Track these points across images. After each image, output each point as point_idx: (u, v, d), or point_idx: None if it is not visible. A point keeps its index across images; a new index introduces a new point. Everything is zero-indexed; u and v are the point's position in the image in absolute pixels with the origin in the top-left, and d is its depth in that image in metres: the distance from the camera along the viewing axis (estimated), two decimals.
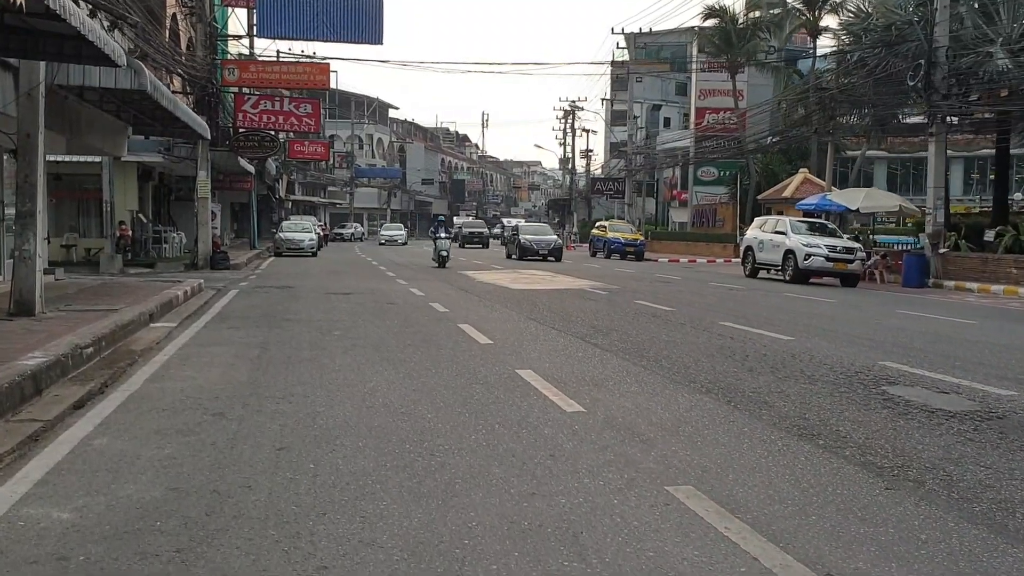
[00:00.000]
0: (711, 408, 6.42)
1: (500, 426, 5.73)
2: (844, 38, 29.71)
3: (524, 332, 10.80)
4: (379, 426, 5.71)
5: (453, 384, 7.25)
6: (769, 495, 4.36)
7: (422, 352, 9.05)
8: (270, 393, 6.81)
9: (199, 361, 8.40)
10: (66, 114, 13.63)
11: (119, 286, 16.12)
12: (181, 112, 15.45)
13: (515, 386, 7.17)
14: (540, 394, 6.80)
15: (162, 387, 7.06)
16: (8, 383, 6.38)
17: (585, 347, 9.51)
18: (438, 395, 6.77)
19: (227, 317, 12.33)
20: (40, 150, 10.82)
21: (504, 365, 8.21)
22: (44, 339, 8.68)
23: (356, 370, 7.91)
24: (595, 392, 6.93)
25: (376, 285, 19.13)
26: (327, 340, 9.93)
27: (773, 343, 10.01)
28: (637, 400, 6.68)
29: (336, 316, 12.62)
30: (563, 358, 8.72)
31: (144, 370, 7.91)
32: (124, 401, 6.50)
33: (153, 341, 10.20)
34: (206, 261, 24.17)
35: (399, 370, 7.93)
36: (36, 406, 6.72)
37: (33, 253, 10.82)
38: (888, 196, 28.12)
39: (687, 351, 9.26)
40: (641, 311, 13.71)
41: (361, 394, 6.78)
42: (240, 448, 5.12)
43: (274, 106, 26.44)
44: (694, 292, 18.48)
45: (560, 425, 5.79)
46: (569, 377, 7.58)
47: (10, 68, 10.85)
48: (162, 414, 6.03)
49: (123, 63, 9.88)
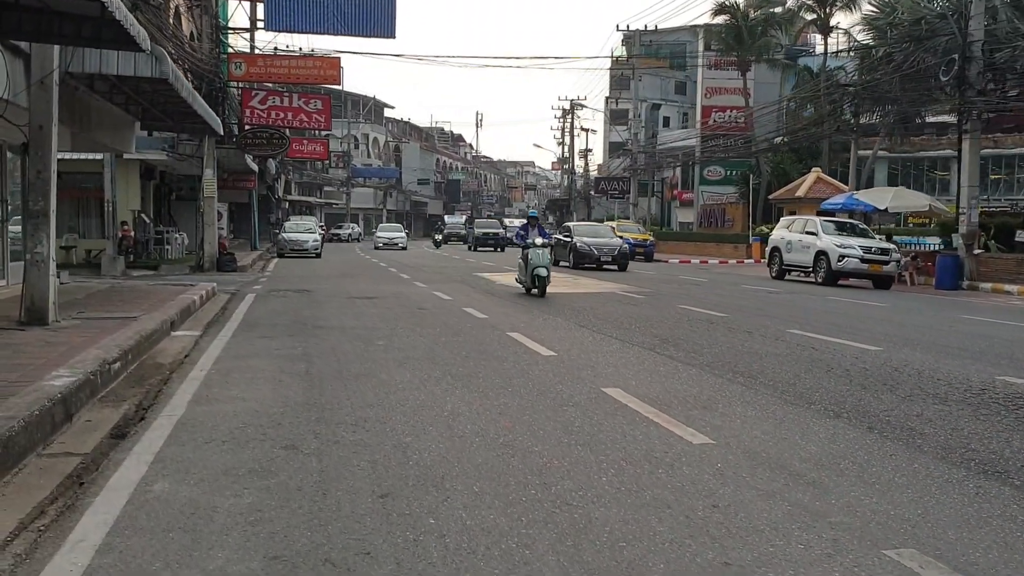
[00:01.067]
0: (856, 438, 5.55)
1: (627, 463, 4.85)
2: (865, 34, 28.88)
3: (584, 342, 9.92)
4: (485, 464, 4.82)
5: (539, 406, 6.36)
6: (1016, 560, 3.50)
7: (484, 366, 8.17)
8: (338, 418, 5.91)
9: (242, 377, 7.49)
10: (75, 106, 12.69)
11: (129, 290, 15.18)
12: (199, 105, 14.51)
13: (612, 409, 6.29)
14: (649, 420, 5.92)
15: (211, 411, 6.15)
16: (38, 410, 5.47)
17: (663, 360, 8.63)
18: (531, 421, 5.89)
19: (254, 324, 11.41)
20: (53, 144, 9.89)
21: (584, 383, 7.34)
22: (65, 353, 7.76)
23: (422, 388, 7.02)
24: (709, 417, 6.05)
25: (395, 288, 18.22)
26: (374, 351, 9.03)
27: (863, 354, 9.16)
28: (764, 427, 5.80)
29: (370, 323, 11.72)
30: (647, 374, 7.83)
31: (183, 389, 7.00)
32: (173, 430, 5.59)
33: (180, 352, 9.31)
34: (212, 263, 23.20)
35: (470, 388, 7.04)
36: (68, 435, 5.82)
37: (46, 256, 9.89)
38: (916, 196, 27.36)
39: (778, 364, 8.39)
40: (693, 317, 12.85)
41: (443, 420, 5.89)
42: (334, 495, 4.23)
43: (283, 102, 25.47)
44: (731, 295, 17.62)
45: (697, 462, 4.92)
46: (668, 398, 6.71)
47: (21, 54, 9.91)
48: (223, 447, 5.12)
49: (148, 47, 8.96)
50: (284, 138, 25.87)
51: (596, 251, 26.51)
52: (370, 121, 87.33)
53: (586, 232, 28.56)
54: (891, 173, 63.01)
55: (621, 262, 26.63)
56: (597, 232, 29.17)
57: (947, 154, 51.53)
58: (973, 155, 22.50)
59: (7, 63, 9.62)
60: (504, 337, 10.24)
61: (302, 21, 23.98)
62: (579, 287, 19.44)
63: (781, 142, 39.60)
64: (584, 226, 31.26)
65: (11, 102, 9.75)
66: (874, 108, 28.58)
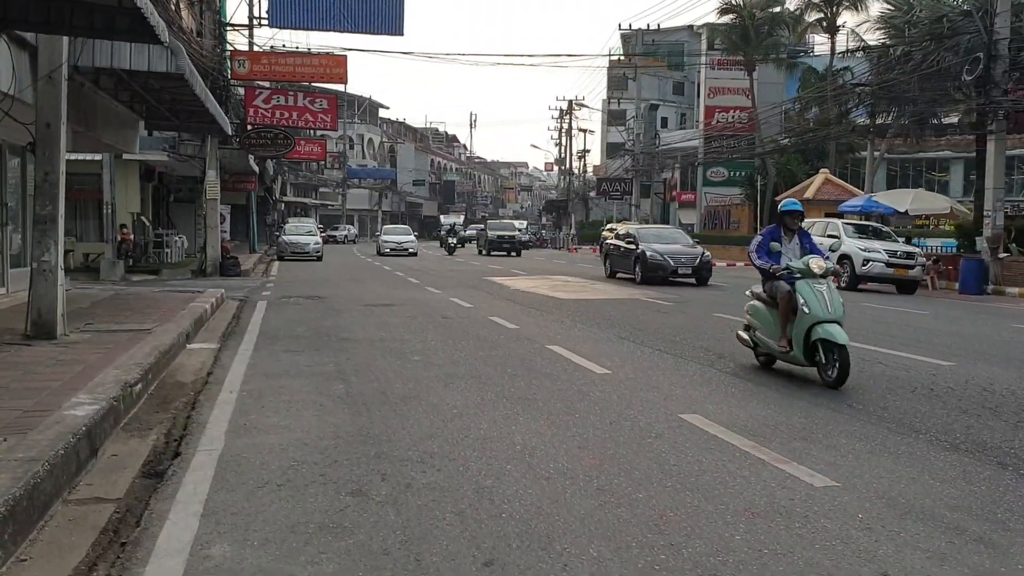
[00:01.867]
0: (992, 477, 4.92)
1: (754, 515, 4.19)
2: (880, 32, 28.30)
3: (634, 358, 9.25)
4: (589, 516, 4.15)
5: (618, 437, 5.70)
6: None
7: (537, 386, 7.49)
8: (399, 452, 5.24)
9: (278, 400, 6.80)
10: (80, 104, 11.96)
11: (135, 298, 14.45)
12: (211, 104, 13.79)
13: (702, 441, 5.63)
14: (751, 456, 5.26)
15: (254, 444, 5.46)
16: (63, 447, 4.77)
17: (728, 379, 7.98)
18: (618, 457, 5.22)
19: (274, 336, 10.70)
20: (62, 143, 9.21)
21: (655, 407, 6.67)
22: (82, 374, 7.06)
23: (480, 414, 6.34)
24: (816, 451, 5.40)
25: (410, 294, 17.52)
26: (412, 368, 8.35)
27: (938, 370, 8.53)
28: (883, 464, 5.15)
29: (396, 333, 11.03)
30: (720, 396, 7.17)
31: (216, 416, 6.30)
32: (217, 470, 4.90)
33: (200, 369, 8.62)
34: (215, 267, 22.44)
35: (532, 414, 6.37)
36: (95, 474, 5.13)
37: (54, 265, 9.19)
38: (936, 198, 26.80)
39: (857, 384, 7.73)
40: (736, 326, 12.16)
41: (519, 456, 5.22)
42: (430, 562, 3.55)
43: (287, 101, 24.73)
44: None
45: (833, 512, 4.26)
46: (757, 426, 6.05)
47: (27, 46, 9.20)
48: (281, 494, 4.44)
49: (166, 39, 8.26)
50: (289, 138, 25.14)
51: (671, 261, 21.32)
52: (365, 121, 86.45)
53: (654, 237, 22.82)
54: (890, 175, 62.55)
55: (702, 274, 21.58)
56: (668, 237, 23.33)
57: (946, 155, 51.11)
58: (998, 156, 21.94)
59: (12, 56, 8.91)
60: (545, 351, 9.57)
61: (307, 17, 23.25)
62: (596, 292, 18.77)
63: (789, 143, 39.03)
64: (650, 230, 25.35)
65: (16, 98, 9.03)
66: (889, 108, 27.97)
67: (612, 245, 24.34)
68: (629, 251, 22.53)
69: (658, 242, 22.25)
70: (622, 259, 23.13)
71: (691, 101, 68.20)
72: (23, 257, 13.81)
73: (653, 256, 21.44)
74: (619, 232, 24.68)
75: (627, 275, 22.65)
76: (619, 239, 24.04)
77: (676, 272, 21.32)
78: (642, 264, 21.50)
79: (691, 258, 21.66)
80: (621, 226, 24.90)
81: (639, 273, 21.54)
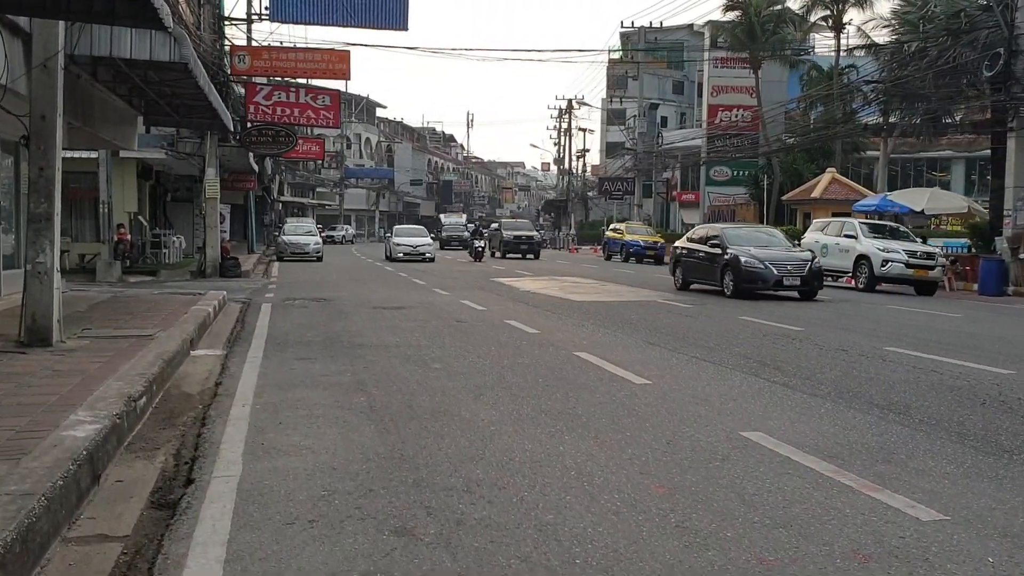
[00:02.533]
0: None
1: (868, 559, 3.62)
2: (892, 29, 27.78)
3: (671, 366, 8.67)
4: (678, 563, 3.57)
5: (680, 459, 5.12)
6: None
7: (575, 398, 6.91)
8: (441, 480, 4.65)
9: (296, 415, 6.21)
10: (77, 96, 11.35)
11: (134, 301, 13.84)
12: (214, 98, 13.16)
13: (776, 464, 5.06)
14: (837, 483, 4.69)
15: (276, 468, 4.87)
16: (62, 477, 4.18)
17: (780, 390, 7.40)
18: (686, 484, 4.65)
19: (283, 342, 10.10)
20: (58, 136, 8.60)
21: (711, 423, 6.10)
22: (80, 386, 6.46)
23: (521, 431, 5.76)
24: (906, 476, 4.83)
25: (418, 296, 16.93)
26: (435, 378, 7.77)
27: (1001, 380, 7.97)
28: (985, 490, 4.59)
29: (412, 339, 10.45)
30: (778, 410, 6.59)
31: (229, 434, 5.71)
32: (238, 501, 4.30)
33: (207, 378, 8.04)
34: (215, 268, 21.81)
35: (577, 432, 5.79)
36: (98, 504, 4.54)
37: (49, 267, 8.59)
38: (953, 197, 26.31)
39: (915, 394, 7.18)
40: (766, 331, 11.63)
41: (576, 484, 4.64)
42: None
43: (289, 98, 24.10)
44: (782, 304, 16.35)
45: (954, 553, 3.69)
46: (831, 446, 5.47)
47: (20, 33, 8.59)
48: (314, 533, 3.85)
49: (171, 24, 7.67)
50: (291, 135, 24.51)
51: (774, 269, 17.02)
52: (362, 121, 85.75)
53: (747, 239, 18.55)
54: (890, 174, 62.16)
55: (812, 286, 17.33)
56: (765, 240, 18.85)
57: (947, 155, 50.63)
58: (1019, 154, 21.42)
59: (4, 43, 8.31)
60: (573, 358, 8.99)
61: (310, 12, 22.64)
62: (609, 294, 18.18)
63: (795, 142, 38.52)
64: (739, 230, 20.30)
65: (9, 88, 8.43)
66: (902, 106, 27.44)
67: (685, 249, 19.89)
68: (713, 257, 18.18)
69: (752, 244, 18.02)
70: (702, 267, 18.75)
71: (691, 100, 67.69)
72: (16, 258, 13.21)
73: (750, 263, 17.16)
74: (695, 233, 20.52)
75: (710, 286, 18.53)
76: (695, 242, 19.65)
77: (781, 283, 17.07)
78: (734, 273, 17.34)
79: (798, 265, 17.29)
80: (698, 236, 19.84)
81: (729, 284, 17.44)
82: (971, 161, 56.98)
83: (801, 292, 17.30)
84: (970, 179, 58.85)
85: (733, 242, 18.07)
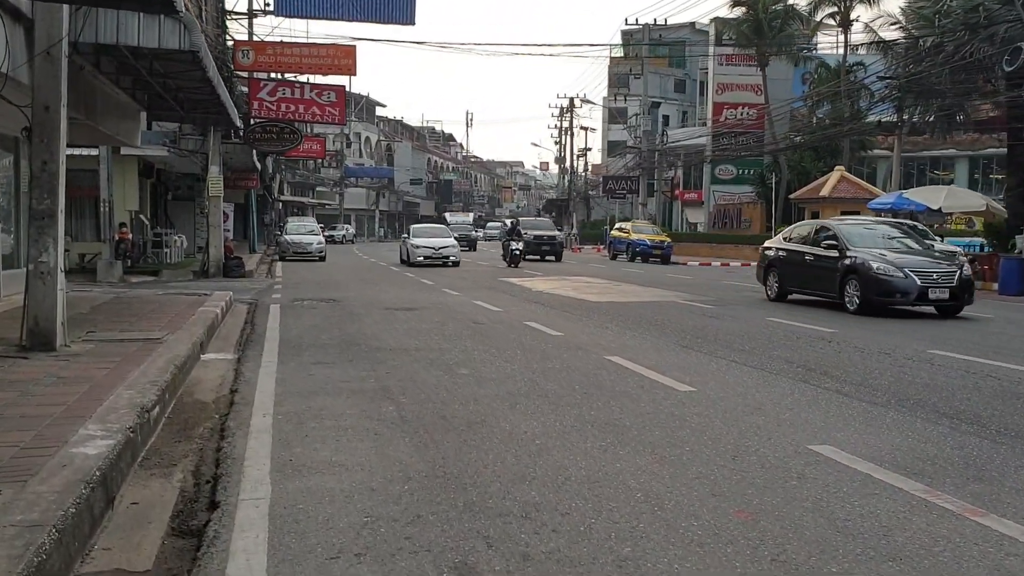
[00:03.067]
0: None
1: None
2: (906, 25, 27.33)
3: (713, 372, 8.20)
4: None
5: (756, 480, 4.66)
6: None
7: (618, 408, 6.44)
8: (494, 503, 4.19)
9: (323, 427, 5.75)
10: (80, 88, 10.84)
11: (138, 302, 13.36)
12: (222, 90, 12.67)
13: (860, 484, 4.60)
14: (928, 504, 4.24)
15: (308, 489, 4.40)
16: (74, 503, 3.71)
17: (836, 398, 6.93)
18: (771, 509, 4.19)
19: (298, 346, 9.63)
20: (62, 128, 8.15)
21: (771, 435, 5.64)
22: (88, 395, 5.99)
23: (569, 446, 5.30)
24: (1004, 496, 4.39)
25: (429, 297, 16.45)
26: (464, 385, 7.30)
27: None
28: None
29: (430, 341, 9.98)
30: (841, 420, 6.12)
31: (252, 448, 5.24)
32: (271, 529, 3.84)
33: (221, 384, 7.58)
34: (218, 268, 21.31)
35: (631, 446, 5.33)
36: (113, 532, 4.07)
37: (53, 267, 8.12)
38: (970, 194, 25.81)
39: (981, 401, 6.72)
40: (799, 333, 11.16)
41: (645, 507, 4.17)
42: None
43: (294, 93, 23.60)
44: (805, 305, 15.83)
45: None
46: (913, 462, 5.01)
47: (22, 19, 8.10)
48: (361, 569, 3.39)
49: (182, 8, 7.19)
50: (296, 132, 24.00)
51: (916, 279, 13.40)
52: (362, 120, 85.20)
53: (871, 238, 14.80)
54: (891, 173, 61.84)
55: (961, 299, 13.82)
56: (895, 239, 15.15)
57: (951, 153, 50.22)
58: None
59: (6, 30, 7.82)
60: (606, 363, 8.52)
61: (315, 6, 22.15)
62: (624, 294, 17.70)
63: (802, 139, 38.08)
64: (857, 228, 15.57)
65: (10, 77, 7.94)
66: (916, 103, 26.98)
67: (782, 251, 16.08)
68: (826, 261, 14.50)
69: (881, 245, 14.40)
70: (809, 273, 15.09)
71: (692, 99, 67.28)
72: (15, 258, 12.75)
73: (885, 270, 13.49)
74: (796, 231, 16.64)
75: (820, 297, 14.95)
76: (797, 241, 15.93)
77: (925, 296, 13.44)
78: (862, 282, 13.62)
79: (946, 274, 13.61)
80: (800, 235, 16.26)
81: (855, 296, 13.74)
82: (975, 160, 56.58)
83: (945, 308, 13.85)
84: (974, 178, 58.47)
85: (855, 242, 14.38)
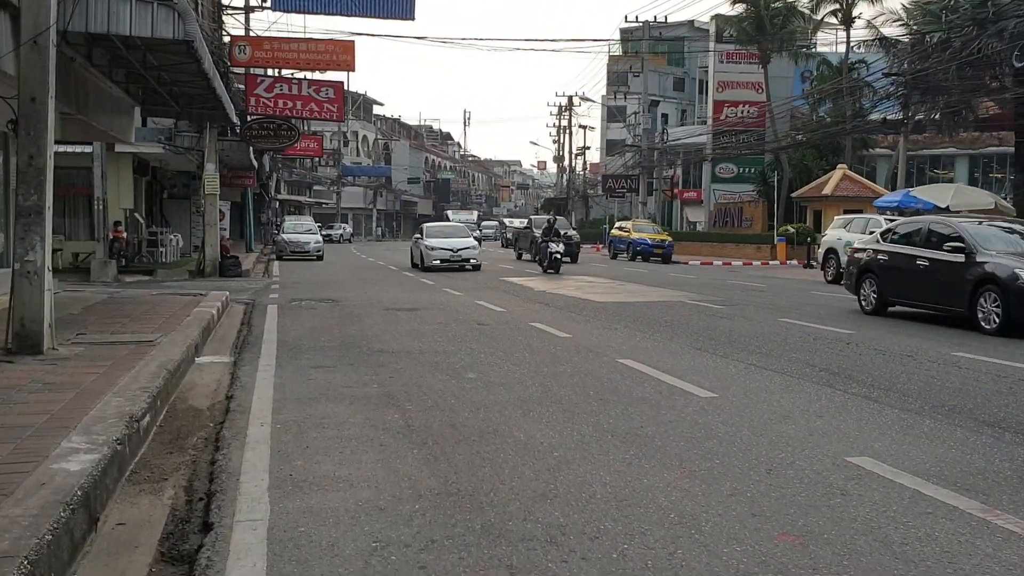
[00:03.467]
0: None
1: None
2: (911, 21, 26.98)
3: (728, 375, 7.83)
4: None
5: (797, 497, 4.29)
6: None
7: (638, 415, 6.08)
8: (514, 525, 3.82)
9: (324, 437, 5.38)
10: (70, 80, 10.48)
11: (131, 302, 12.97)
12: (218, 84, 12.29)
13: (905, 499, 4.24)
14: (987, 524, 3.89)
15: (310, 508, 4.03)
16: (51, 528, 3.34)
17: (868, 405, 6.57)
18: (818, 531, 3.83)
19: (296, 348, 9.26)
20: (50, 121, 7.75)
21: (804, 444, 5.28)
22: (74, 403, 5.62)
23: (590, 458, 4.93)
24: None
25: (430, 297, 16.08)
26: (472, 390, 6.94)
27: None
28: None
29: (434, 344, 9.61)
30: (876, 430, 5.75)
31: (249, 461, 4.87)
32: (270, 557, 3.47)
33: (215, 389, 7.22)
34: (214, 267, 20.93)
35: (656, 458, 4.96)
36: (95, 558, 3.72)
37: (40, 266, 7.74)
38: (978, 193, 25.40)
39: (1020, 408, 6.36)
40: (815, 335, 10.80)
41: (681, 530, 3.81)
42: None
43: (291, 90, 23.18)
44: (810, 303, 15.49)
45: None
46: (950, 472, 4.66)
47: (7, 6, 7.73)
48: None
49: None
50: (293, 129, 23.61)
51: None
52: (360, 118, 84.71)
53: (1004, 239, 11.86)
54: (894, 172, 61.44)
55: None
56: None
57: (951, 152, 49.88)
58: None
59: None
60: (619, 367, 8.15)
61: (312, 0, 21.78)
62: (629, 294, 17.32)
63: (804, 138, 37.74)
64: (995, 229, 12.37)
65: None
66: (922, 100, 26.64)
67: (883, 254, 13.21)
68: (953, 268, 11.65)
69: (1017, 249, 11.49)
70: (922, 281, 12.32)
71: (691, 97, 66.90)
72: (2, 257, 12.35)
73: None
74: (900, 228, 13.48)
75: (935, 311, 12.40)
76: (901, 242, 13.07)
77: None
78: (1005, 297, 10.75)
79: None
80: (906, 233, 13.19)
81: (993, 312, 10.92)
82: (975, 158, 56.21)
83: None
84: (974, 176, 58.13)
85: (984, 242, 11.58)
